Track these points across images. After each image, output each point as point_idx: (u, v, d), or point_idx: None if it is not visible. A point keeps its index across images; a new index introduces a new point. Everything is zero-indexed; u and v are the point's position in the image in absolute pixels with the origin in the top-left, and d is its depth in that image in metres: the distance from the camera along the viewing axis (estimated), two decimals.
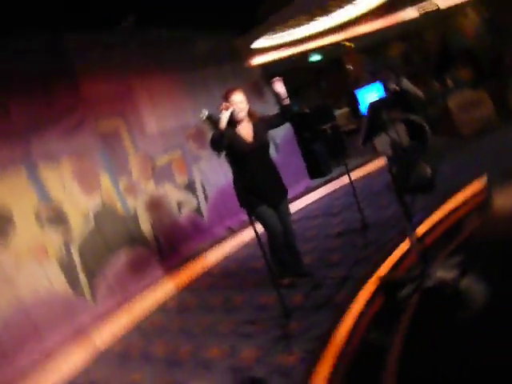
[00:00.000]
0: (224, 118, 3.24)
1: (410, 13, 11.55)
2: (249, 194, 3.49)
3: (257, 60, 8.63)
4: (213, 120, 3.14)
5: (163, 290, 4.63)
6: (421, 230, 4.06)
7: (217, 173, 5.90)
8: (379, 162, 7.10)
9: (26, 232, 3.78)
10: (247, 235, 5.51)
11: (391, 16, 11.35)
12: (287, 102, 3.52)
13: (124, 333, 4.05)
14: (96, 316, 4.08)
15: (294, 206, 6.12)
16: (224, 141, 3.27)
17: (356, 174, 6.80)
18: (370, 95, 7.26)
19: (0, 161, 3.77)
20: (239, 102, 3.45)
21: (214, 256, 5.26)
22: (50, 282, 3.81)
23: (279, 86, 3.48)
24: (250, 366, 2.81)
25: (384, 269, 3.60)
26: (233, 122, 3.40)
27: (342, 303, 3.19)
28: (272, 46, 9.39)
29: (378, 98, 3.91)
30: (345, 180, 5.80)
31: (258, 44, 8.64)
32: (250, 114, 3.57)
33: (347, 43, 12.05)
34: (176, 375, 2.97)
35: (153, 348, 3.54)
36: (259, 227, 3.47)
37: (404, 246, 3.76)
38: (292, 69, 14.43)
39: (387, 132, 3.24)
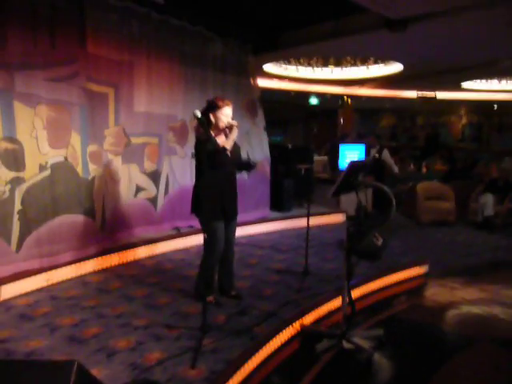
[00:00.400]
0: (233, 136, 3.53)
1: (409, 93, 12.18)
2: (211, 203, 3.50)
3: (261, 81, 8.79)
4: (203, 122, 3.17)
5: (90, 264, 4.50)
6: (355, 293, 4.19)
7: (185, 172, 5.87)
8: (338, 217, 7.31)
9: None
10: (189, 241, 5.49)
11: (393, 89, 11.90)
12: (254, 164, 3.81)
13: (35, 295, 3.88)
14: (13, 268, 3.90)
15: (246, 231, 6.18)
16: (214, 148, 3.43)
17: (314, 221, 6.94)
18: (351, 153, 7.50)
19: None
20: (228, 115, 3.58)
21: (150, 249, 5.17)
22: None
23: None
24: (150, 367, 2.76)
25: (309, 318, 3.67)
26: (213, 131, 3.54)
27: (260, 336, 3.21)
28: (279, 74, 9.61)
29: (359, 159, 4.05)
30: (302, 223, 5.88)
31: (267, 67, 8.83)
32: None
33: (346, 98, 12.49)
34: (76, 352, 2.87)
35: (59, 319, 3.41)
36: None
37: (334, 303, 3.84)
38: (288, 102, 14.78)
39: (357, 193, 3.35)
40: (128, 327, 3.29)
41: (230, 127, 3.54)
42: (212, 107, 3.56)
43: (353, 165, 3.24)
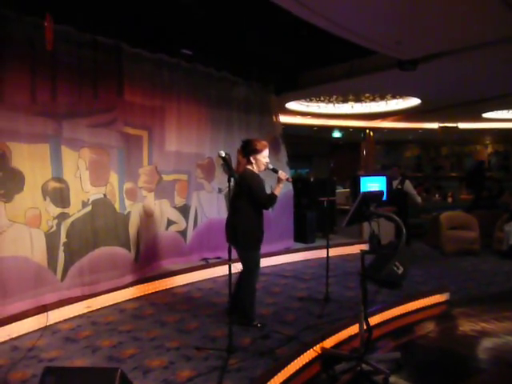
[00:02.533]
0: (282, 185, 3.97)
1: (431, 124, 12.38)
2: (259, 237, 3.99)
3: (284, 118, 9.24)
4: (227, 161, 3.53)
5: (126, 293, 4.86)
6: (376, 319, 4.38)
7: (212, 206, 6.25)
8: (361, 247, 7.46)
9: (30, 198, 4.07)
10: (217, 271, 5.82)
11: (414, 122, 12.14)
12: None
13: (77, 320, 4.25)
14: (58, 296, 4.29)
15: (271, 261, 6.45)
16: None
17: (337, 252, 7.17)
18: (373, 185, 7.71)
19: (33, 132, 4.12)
20: (267, 156, 4.02)
21: (181, 279, 5.51)
22: (31, 249, 4.04)
23: None
24: (181, 383, 3.03)
25: (329, 342, 3.88)
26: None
27: (282, 358, 3.44)
28: (302, 111, 10.05)
29: (371, 190, 4.31)
30: (324, 253, 6.07)
31: (290, 105, 9.29)
32: None
33: (368, 132, 12.80)
34: None
35: (99, 341, 3.74)
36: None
37: (354, 328, 4.03)
38: (313, 136, 15.20)
39: (369, 223, 3.60)
40: (161, 349, 3.59)
41: (284, 179, 3.93)
42: (252, 150, 3.96)
43: (364, 196, 3.52)
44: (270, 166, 3.97)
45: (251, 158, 3.95)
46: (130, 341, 3.75)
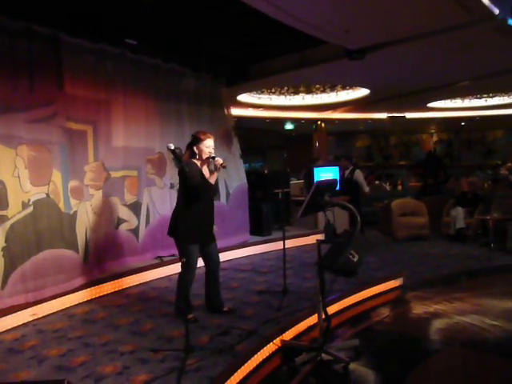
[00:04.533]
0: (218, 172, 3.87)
1: (380, 115, 12.71)
2: (190, 228, 3.79)
3: (236, 111, 9.13)
4: (176, 154, 3.39)
5: (75, 297, 4.60)
6: (334, 308, 4.39)
7: (165, 202, 6.05)
8: (317, 238, 7.50)
9: None
10: (172, 269, 5.63)
11: (364, 112, 12.40)
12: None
13: (22, 329, 3.96)
14: None
15: (227, 256, 6.34)
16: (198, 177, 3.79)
17: (294, 243, 7.18)
18: (326, 175, 7.77)
19: None
20: (210, 146, 3.90)
21: (134, 279, 5.30)
22: None
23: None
24: None
25: (289, 334, 3.84)
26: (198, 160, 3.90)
27: (242, 354, 3.36)
28: (254, 103, 9.98)
29: (324, 180, 4.30)
30: (281, 245, 6.09)
31: (241, 97, 9.19)
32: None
33: (320, 123, 12.94)
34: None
35: (47, 350, 3.50)
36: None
37: (313, 319, 4.02)
38: (266, 129, 15.22)
39: (324, 213, 3.58)
40: (114, 353, 3.40)
41: (219, 165, 3.80)
42: (195, 141, 3.90)
43: (318, 185, 3.49)
44: (211, 155, 3.89)
45: (194, 148, 3.89)
46: (80, 347, 3.54)
